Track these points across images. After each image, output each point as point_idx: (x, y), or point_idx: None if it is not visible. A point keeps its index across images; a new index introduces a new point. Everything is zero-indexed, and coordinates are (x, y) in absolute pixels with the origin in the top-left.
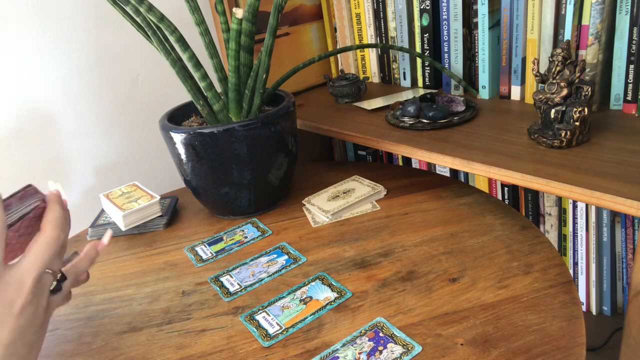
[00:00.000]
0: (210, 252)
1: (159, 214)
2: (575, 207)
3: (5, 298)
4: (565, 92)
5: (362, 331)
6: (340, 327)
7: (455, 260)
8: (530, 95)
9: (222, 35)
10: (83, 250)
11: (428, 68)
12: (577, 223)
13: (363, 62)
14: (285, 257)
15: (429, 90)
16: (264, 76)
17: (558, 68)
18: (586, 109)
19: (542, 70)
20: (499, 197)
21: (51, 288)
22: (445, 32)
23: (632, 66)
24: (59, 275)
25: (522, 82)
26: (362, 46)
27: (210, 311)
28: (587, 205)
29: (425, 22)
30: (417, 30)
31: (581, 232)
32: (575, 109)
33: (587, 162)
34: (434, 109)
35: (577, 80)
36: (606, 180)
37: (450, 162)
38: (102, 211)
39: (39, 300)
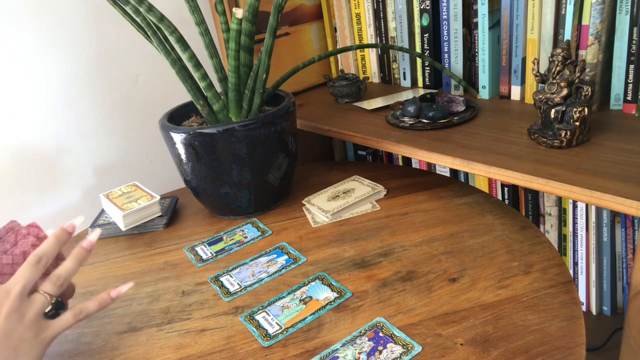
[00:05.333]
0: (210, 252)
1: (159, 214)
2: (575, 207)
3: None
4: (565, 92)
5: (362, 331)
6: (340, 327)
7: (455, 260)
8: (530, 95)
9: (222, 35)
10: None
11: (428, 68)
12: (577, 223)
13: (363, 62)
14: (285, 257)
15: (429, 90)
16: (264, 76)
17: (558, 68)
18: (586, 109)
19: (542, 70)
20: (499, 197)
21: (46, 311)
22: (445, 32)
23: (632, 66)
24: (53, 300)
25: (522, 82)
26: (362, 46)
27: (210, 311)
28: (587, 205)
29: (425, 22)
30: (417, 30)
31: (581, 232)
32: (575, 109)
33: (587, 162)
34: (434, 109)
35: (577, 80)
36: (606, 180)
37: (450, 162)
38: (102, 211)
39: (24, 311)
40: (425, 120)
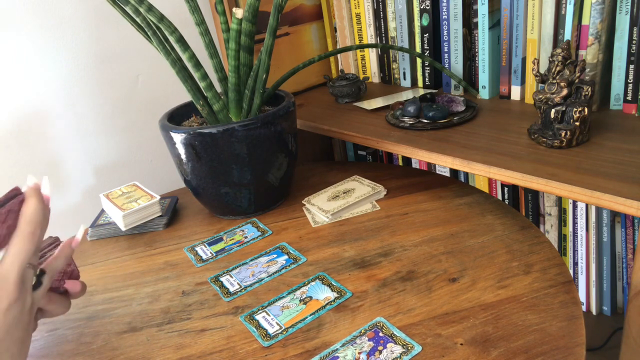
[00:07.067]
0: (210, 252)
1: (159, 214)
2: (575, 207)
3: None
4: (565, 92)
5: (362, 331)
6: (340, 327)
7: (455, 260)
8: (530, 95)
9: (222, 35)
10: (58, 248)
11: (428, 68)
12: (577, 223)
13: (363, 62)
14: (285, 257)
15: (429, 90)
16: (264, 76)
17: (558, 68)
18: (586, 109)
19: (542, 70)
20: (499, 197)
21: (32, 284)
22: (445, 32)
23: (632, 66)
24: (38, 270)
25: (522, 82)
26: (362, 46)
27: (210, 311)
28: (587, 205)
29: (425, 22)
30: (417, 30)
31: (581, 232)
32: (575, 109)
33: (587, 162)
34: (434, 109)
35: (577, 80)
36: (606, 180)
37: (450, 162)
38: (102, 211)
39: (24, 298)
40: (425, 120)
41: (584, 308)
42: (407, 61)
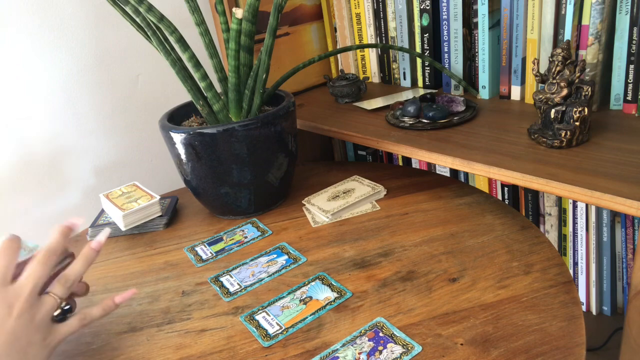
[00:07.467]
0: (210, 252)
1: (159, 214)
2: (575, 207)
3: (6, 302)
4: (565, 92)
5: (362, 331)
6: (340, 327)
7: (455, 260)
8: (530, 95)
9: (222, 35)
10: (81, 252)
11: (428, 68)
12: (577, 223)
13: (363, 62)
14: (285, 257)
15: (429, 90)
16: (264, 76)
17: (558, 68)
18: (586, 109)
19: (542, 70)
20: (499, 197)
21: (55, 314)
22: (445, 32)
23: (632, 66)
24: (63, 304)
25: (522, 82)
26: (362, 46)
27: (210, 311)
28: (587, 205)
29: (425, 22)
30: (417, 30)
31: (581, 232)
32: (575, 109)
33: (587, 162)
34: (434, 109)
35: (577, 80)
36: (606, 180)
37: (450, 162)
38: (102, 211)
39: (35, 311)
40: (425, 120)
41: (584, 308)
42: (407, 61)
